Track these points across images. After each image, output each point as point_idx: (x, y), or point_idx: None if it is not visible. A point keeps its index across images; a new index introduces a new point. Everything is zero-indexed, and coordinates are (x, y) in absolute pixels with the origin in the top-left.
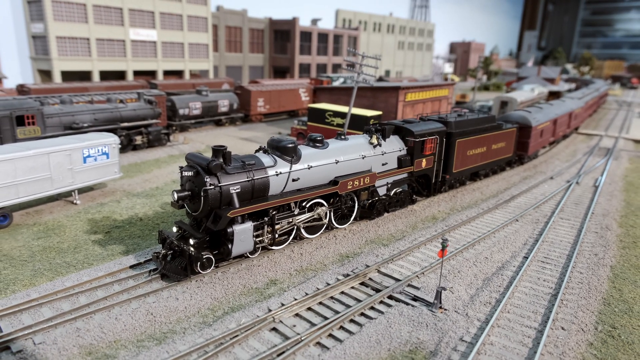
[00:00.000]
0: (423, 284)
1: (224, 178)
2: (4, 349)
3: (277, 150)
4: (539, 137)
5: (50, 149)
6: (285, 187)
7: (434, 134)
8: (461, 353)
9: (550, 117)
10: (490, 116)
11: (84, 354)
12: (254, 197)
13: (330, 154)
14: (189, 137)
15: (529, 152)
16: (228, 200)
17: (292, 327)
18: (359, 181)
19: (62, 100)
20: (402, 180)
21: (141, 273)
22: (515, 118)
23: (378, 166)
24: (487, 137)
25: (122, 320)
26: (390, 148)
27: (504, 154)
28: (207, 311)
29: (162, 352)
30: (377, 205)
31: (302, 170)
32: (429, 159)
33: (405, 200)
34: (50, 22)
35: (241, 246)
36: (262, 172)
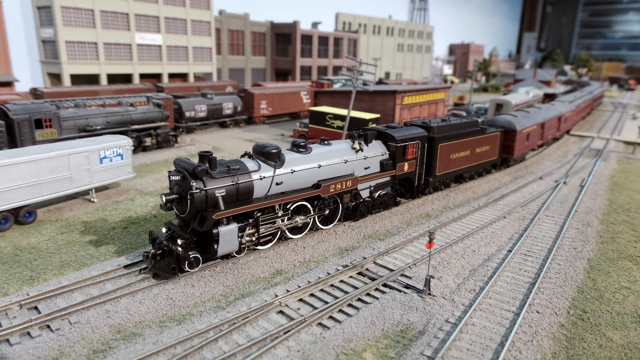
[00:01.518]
0: (415, 273)
1: (209, 182)
2: (45, 328)
3: (261, 156)
4: (525, 141)
5: (70, 150)
6: (269, 191)
7: (415, 138)
8: (446, 332)
9: (537, 121)
10: (473, 121)
11: (114, 332)
12: (239, 200)
13: (314, 158)
14: (195, 138)
15: (514, 155)
16: (214, 203)
17: (297, 310)
18: (342, 184)
19: (76, 104)
20: (385, 183)
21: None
22: (500, 122)
23: (360, 170)
24: (471, 141)
25: (145, 304)
26: (373, 153)
27: (488, 157)
28: (220, 297)
29: (183, 330)
30: (361, 207)
31: (285, 174)
32: (411, 162)
33: (388, 202)
34: (60, 27)
35: (227, 246)
36: (246, 176)
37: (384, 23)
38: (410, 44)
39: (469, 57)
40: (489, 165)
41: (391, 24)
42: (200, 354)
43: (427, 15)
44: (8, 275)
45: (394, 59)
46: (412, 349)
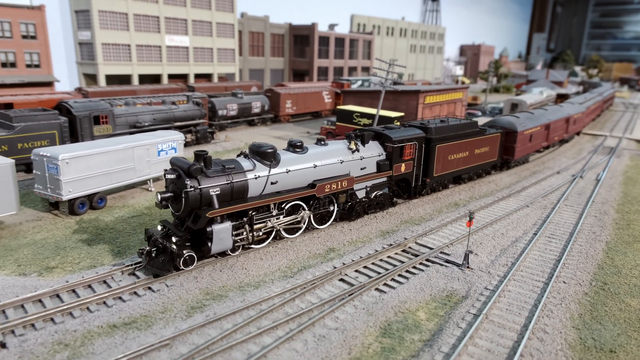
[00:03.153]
0: (452, 251)
1: (204, 181)
2: (147, 289)
3: (257, 155)
4: (527, 142)
5: (134, 143)
6: (264, 190)
7: (412, 139)
8: (486, 296)
9: (541, 123)
10: (473, 122)
11: (204, 293)
12: (234, 199)
13: (309, 158)
14: (228, 135)
15: (515, 157)
16: (208, 201)
17: (355, 278)
18: (337, 184)
19: (127, 102)
20: (382, 184)
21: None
22: (501, 123)
23: (357, 170)
24: (469, 142)
25: (224, 272)
26: (369, 153)
27: (488, 158)
28: (285, 268)
29: (261, 292)
30: (357, 208)
31: (280, 174)
32: (408, 163)
33: (385, 202)
34: (97, 30)
35: (220, 244)
36: (241, 175)
37: (397, 24)
38: (422, 45)
39: (479, 58)
40: (489, 167)
41: (404, 25)
42: (283, 309)
43: (439, 16)
44: (99, 249)
45: (406, 60)
46: (459, 309)
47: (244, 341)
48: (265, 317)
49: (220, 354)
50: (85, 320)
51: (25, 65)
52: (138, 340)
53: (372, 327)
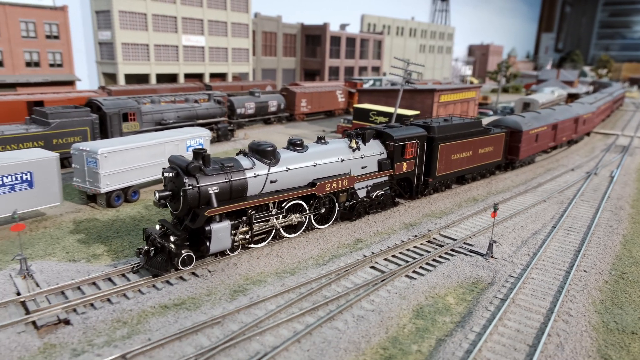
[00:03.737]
0: (475, 242)
1: (202, 179)
2: (191, 275)
3: (256, 154)
4: (532, 142)
5: (165, 139)
6: (263, 189)
7: (414, 138)
8: (511, 283)
9: (548, 122)
10: (477, 121)
11: (244, 279)
12: (232, 198)
13: (309, 157)
14: (247, 133)
15: (520, 157)
16: (207, 200)
17: (385, 266)
18: (337, 183)
19: (152, 100)
20: (383, 183)
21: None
22: (506, 123)
23: (357, 169)
24: (473, 141)
25: (261, 260)
26: (370, 152)
27: (492, 158)
28: (318, 257)
29: (298, 278)
30: (358, 207)
31: (280, 172)
32: (409, 162)
33: (386, 202)
34: (117, 30)
35: (219, 243)
36: (240, 173)
37: (407, 25)
38: (431, 45)
39: (488, 58)
40: (493, 167)
41: (414, 25)
42: (321, 293)
43: (448, 16)
44: (139, 239)
45: (415, 59)
46: (485, 295)
47: (289, 320)
48: (305, 299)
49: (268, 332)
50: (138, 301)
51: (49, 65)
52: (190, 319)
53: (405, 309)
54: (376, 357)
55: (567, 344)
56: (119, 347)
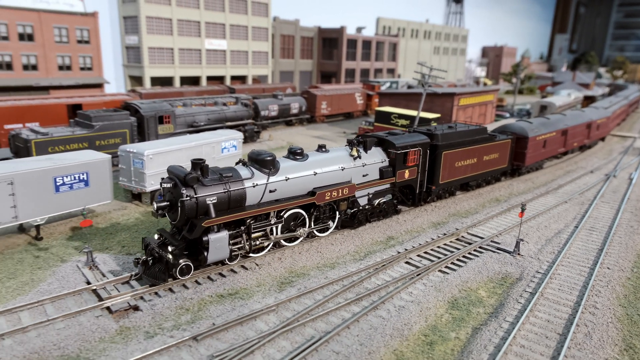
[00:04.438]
0: (502, 240)
1: (200, 190)
2: (241, 268)
3: (256, 163)
4: (540, 148)
5: (203, 141)
6: (262, 198)
7: (416, 145)
8: (538, 278)
9: (557, 128)
10: (481, 128)
11: (288, 272)
12: (231, 208)
13: (309, 166)
14: (272, 134)
15: (526, 163)
16: (204, 210)
17: (419, 261)
18: (338, 192)
19: (185, 104)
20: (385, 191)
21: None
22: (512, 129)
23: (358, 177)
24: (478, 148)
25: (303, 255)
26: (372, 160)
27: (497, 165)
28: (354, 252)
29: (339, 271)
30: (359, 216)
31: (279, 182)
32: (412, 170)
33: (388, 210)
34: (144, 35)
35: (217, 254)
36: (238, 183)
37: (422, 27)
38: (445, 47)
39: (501, 60)
40: (499, 174)
41: (428, 27)
42: (362, 285)
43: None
44: None
45: (430, 61)
46: (515, 289)
47: (337, 309)
48: (348, 290)
49: (319, 319)
50: (197, 290)
51: (79, 68)
52: (246, 306)
53: (441, 301)
54: (419, 343)
55: (595, 333)
56: (188, 330)
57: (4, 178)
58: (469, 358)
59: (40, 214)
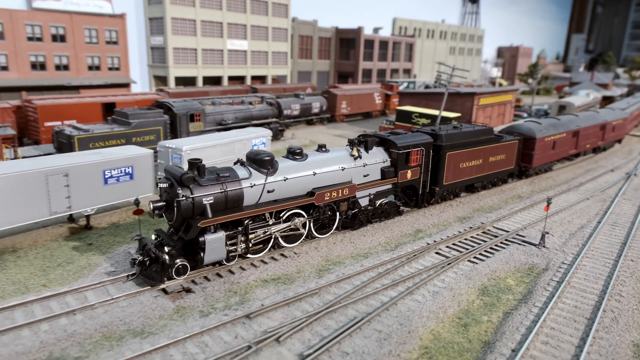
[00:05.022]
0: (527, 234)
1: (196, 190)
2: (280, 256)
3: (254, 163)
4: (548, 149)
5: (235, 138)
6: (260, 198)
7: (419, 145)
8: (564, 269)
9: (568, 129)
10: (487, 128)
11: (324, 260)
12: (228, 208)
13: (309, 166)
14: (295, 133)
15: (533, 165)
16: (201, 210)
17: (448, 252)
18: (337, 192)
19: (213, 102)
20: (387, 192)
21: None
22: (520, 130)
23: (359, 178)
24: (483, 149)
25: (337, 245)
26: (373, 160)
27: (503, 166)
28: (385, 244)
29: (373, 260)
30: (360, 216)
31: (277, 182)
32: (414, 170)
33: (390, 211)
34: (169, 36)
35: (213, 254)
36: (235, 184)
37: (438, 27)
38: (461, 47)
39: (517, 60)
40: (505, 175)
41: (444, 28)
42: (397, 272)
43: (478, 18)
44: None
45: (445, 61)
46: (542, 278)
47: (375, 293)
48: (384, 277)
49: (359, 302)
50: (243, 276)
51: (108, 68)
52: (290, 290)
53: (472, 288)
54: (454, 324)
55: (621, 318)
56: (240, 310)
57: (60, 170)
58: (502, 338)
59: (90, 205)
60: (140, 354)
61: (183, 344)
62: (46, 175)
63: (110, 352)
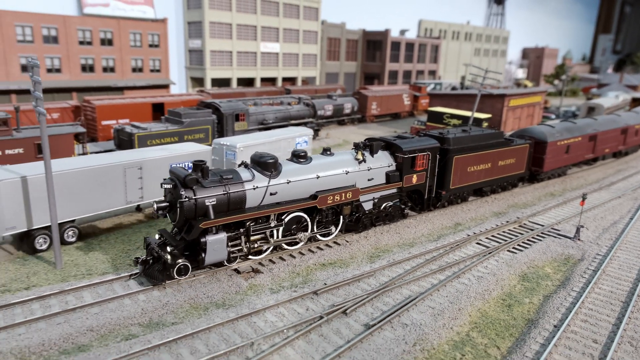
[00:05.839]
0: (561, 228)
1: (199, 191)
2: (334, 243)
3: (258, 165)
4: (562, 154)
5: (282, 136)
6: (262, 201)
7: (425, 150)
8: (599, 260)
9: (584, 133)
10: (498, 132)
11: (373, 249)
12: (230, 209)
13: (312, 169)
14: (329, 133)
15: (544, 169)
16: (203, 211)
17: (488, 242)
18: (341, 196)
19: (255, 103)
20: (391, 196)
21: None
22: (531, 133)
23: (363, 181)
24: (492, 153)
25: (384, 235)
26: (378, 164)
27: (513, 170)
28: (428, 235)
29: (419, 248)
30: (364, 220)
31: (280, 184)
32: (420, 175)
33: (395, 214)
34: (207, 39)
35: (214, 255)
36: (238, 185)
37: (463, 29)
38: (486, 49)
39: (542, 61)
40: (515, 179)
41: (469, 29)
42: (442, 259)
43: (503, 20)
44: None
45: (470, 63)
46: (578, 267)
47: (425, 276)
48: (431, 263)
49: (412, 283)
50: (302, 260)
51: (149, 70)
52: (347, 273)
53: (513, 274)
54: (498, 304)
55: None
56: (306, 287)
57: (136, 164)
58: (545, 317)
59: (158, 196)
60: (227, 321)
61: (263, 314)
62: (124, 168)
63: (200, 319)
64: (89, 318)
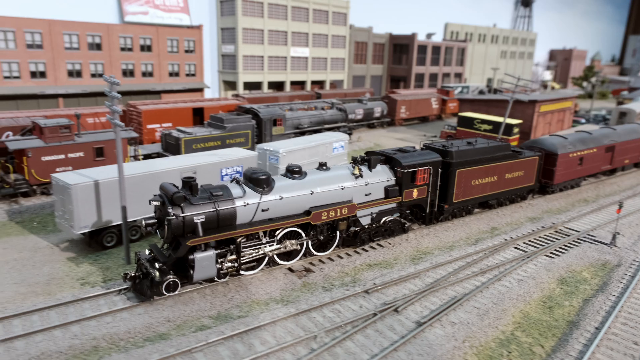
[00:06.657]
0: (597, 234)
1: (187, 208)
2: (378, 245)
3: (250, 182)
4: (574, 165)
5: (320, 142)
6: (254, 217)
7: (426, 164)
8: (636, 265)
9: (600, 144)
10: (504, 144)
11: (415, 251)
12: (220, 226)
13: (307, 185)
14: (360, 136)
15: (555, 181)
16: (192, 228)
17: (525, 247)
18: (335, 212)
19: (291, 108)
20: (391, 210)
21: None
22: (542, 144)
23: (360, 197)
24: (499, 166)
25: (425, 238)
26: (376, 178)
27: (522, 183)
28: (466, 238)
29: (459, 252)
30: (362, 235)
31: (272, 201)
32: (421, 189)
33: (395, 229)
34: (240, 44)
35: (203, 272)
36: (228, 202)
37: (489, 32)
38: (512, 51)
39: (570, 63)
40: (525, 192)
41: (495, 32)
42: (483, 262)
43: (530, 22)
44: None
45: (496, 65)
46: (615, 272)
47: (467, 279)
48: (472, 266)
49: (456, 284)
50: (350, 261)
51: (185, 75)
52: (394, 273)
53: (551, 278)
54: (539, 306)
55: None
56: (357, 286)
57: (191, 168)
58: (585, 319)
59: None
60: (290, 315)
61: (321, 310)
62: (181, 172)
63: (264, 313)
64: (165, 310)
